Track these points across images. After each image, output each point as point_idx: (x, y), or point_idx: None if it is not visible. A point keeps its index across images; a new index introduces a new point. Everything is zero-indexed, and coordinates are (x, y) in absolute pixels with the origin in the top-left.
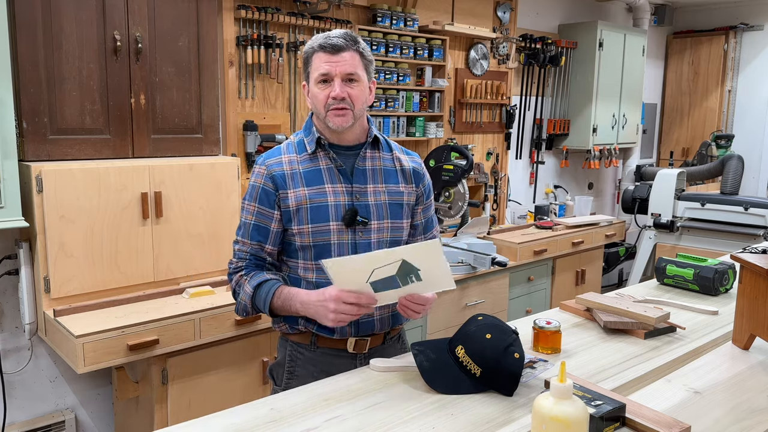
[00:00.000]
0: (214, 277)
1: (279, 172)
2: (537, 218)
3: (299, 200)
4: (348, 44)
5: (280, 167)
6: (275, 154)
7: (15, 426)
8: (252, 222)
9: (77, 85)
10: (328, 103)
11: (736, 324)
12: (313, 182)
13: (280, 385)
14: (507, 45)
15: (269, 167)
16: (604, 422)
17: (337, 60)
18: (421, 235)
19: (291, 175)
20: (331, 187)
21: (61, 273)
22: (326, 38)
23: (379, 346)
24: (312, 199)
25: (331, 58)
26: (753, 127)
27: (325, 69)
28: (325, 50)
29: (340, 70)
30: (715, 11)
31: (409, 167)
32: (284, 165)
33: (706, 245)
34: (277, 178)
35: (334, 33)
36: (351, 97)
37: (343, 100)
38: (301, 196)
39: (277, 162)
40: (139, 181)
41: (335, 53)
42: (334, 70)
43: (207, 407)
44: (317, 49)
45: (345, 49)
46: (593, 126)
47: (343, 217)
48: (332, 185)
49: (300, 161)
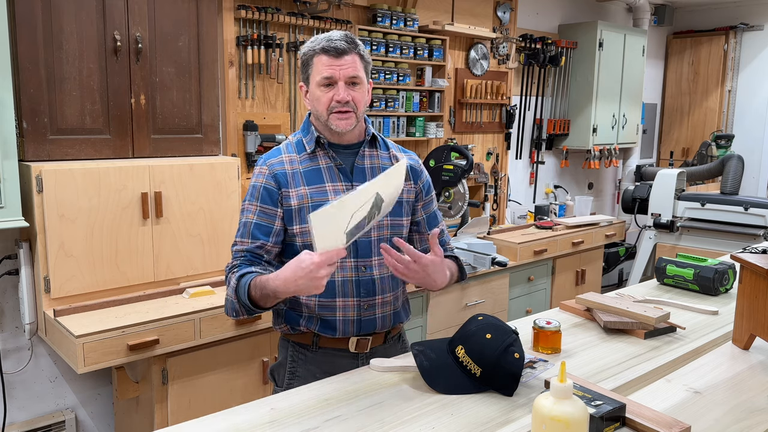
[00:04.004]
0: (214, 277)
1: (281, 171)
2: (537, 218)
3: (301, 199)
4: (350, 47)
5: (281, 166)
6: (275, 154)
7: (15, 426)
8: (253, 221)
9: (77, 85)
10: (331, 106)
11: (736, 324)
12: (313, 181)
13: (281, 386)
14: (507, 45)
15: (271, 166)
16: (604, 422)
17: (340, 64)
18: (425, 233)
19: (292, 175)
20: (332, 186)
21: (61, 273)
22: (329, 41)
23: (380, 346)
24: (313, 198)
25: (334, 61)
26: (753, 127)
27: (328, 72)
28: (329, 53)
29: (344, 73)
30: (715, 11)
31: (407, 165)
32: (285, 164)
33: (706, 245)
34: (279, 176)
35: (335, 35)
36: (354, 100)
37: (347, 104)
38: (302, 195)
39: (278, 161)
40: (139, 181)
41: (339, 57)
42: (338, 73)
43: (207, 407)
44: (319, 52)
45: (347, 53)
46: (593, 126)
47: None
48: (332, 184)
49: (300, 161)
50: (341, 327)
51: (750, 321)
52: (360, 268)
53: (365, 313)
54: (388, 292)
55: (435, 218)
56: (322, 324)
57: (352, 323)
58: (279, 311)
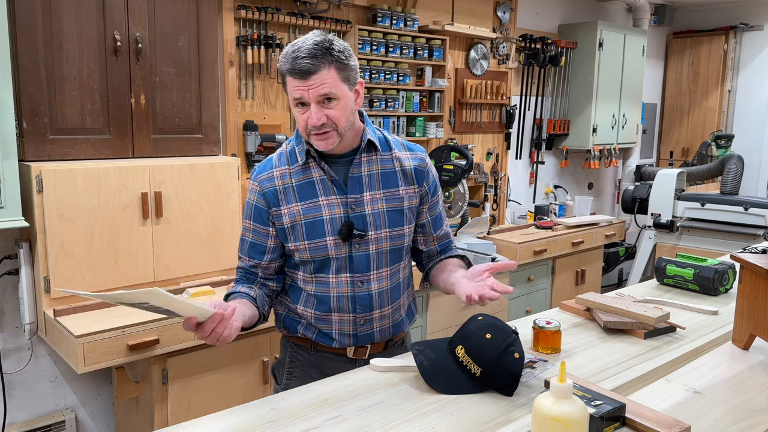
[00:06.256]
0: (214, 277)
1: (270, 188)
2: (537, 218)
3: (293, 217)
4: (318, 64)
5: (271, 183)
6: (267, 168)
7: (15, 426)
8: (249, 239)
9: (77, 85)
10: (308, 129)
11: (736, 324)
12: (306, 196)
13: (281, 384)
14: (507, 45)
15: (261, 183)
16: (604, 422)
17: (308, 84)
18: (430, 235)
19: (283, 191)
20: (326, 200)
21: (61, 273)
22: (294, 61)
23: (380, 352)
24: (306, 215)
25: (302, 83)
26: (753, 127)
27: (297, 94)
28: (295, 76)
29: (313, 93)
30: (715, 11)
31: (410, 167)
32: (276, 180)
33: (706, 245)
34: (269, 195)
35: (302, 51)
36: (331, 118)
37: (323, 125)
38: (294, 212)
39: (268, 177)
40: (139, 181)
41: (306, 78)
42: (307, 94)
43: (207, 407)
44: (287, 73)
45: (315, 70)
46: (593, 126)
47: (339, 232)
48: (326, 198)
49: (292, 173)
50: (338, 338)
51: (750, 321)
52: (356, 284)
53: (362, 328)
54: (387, 306)
55: (440, 219)
56: (319, 333)
57: (348, 336)
58: (279, 315)
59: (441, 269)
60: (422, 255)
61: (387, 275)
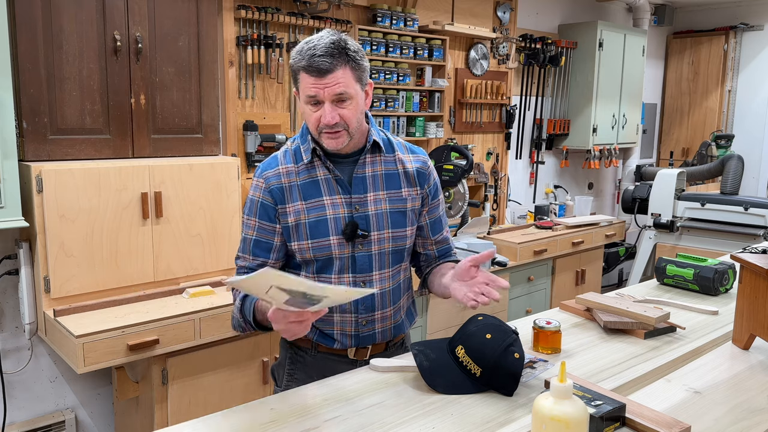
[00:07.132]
0: (214, 277)
1: (277, 185)
2: (537, 218)
3: (297, 215)
4: (336, 63)
5: (278, 180)
6: (272, 165)
7: (15, 426)
8: (253, 237)
9: (77, 85)
10: (320, 127)
11: (736, 324)
12: (310, 195)
13: (281, 386)
14: (507, 45)
15: (267, 180)
16: (604, 422)
17: (325, 83)
18: (428, 238)
19: (289, 189)
20: (330, 200)
21: (61, 273)
22: (311, 59)
23: (381, 353)
24: (310, 214)
25: (318, 81)
26: (753, 127)
27: (313, 91)
28: (311, 73)
29: (329, 92)
30: (715, 11)
31: (413, 169)
32: (282, 177)
33: (706, 245)
34: (275, 191)
35: (319, 49)
36: (343, 117)
37: (336, 124)
38: (299, 211)
39: (274, 174)
40: (139, 181)
41: (322, 76)
42: (323, 93)
43: (207, 407)
44: (302, 69)
45: (332, 69)
46: (593, 126)
47: (344, 231)
48: (330, 197)
49: (297, 172)
50: (339, 339)
51: (750, 321)
52: (359, 284)
53: (363, 329)
54: (389, 307)
55: (439, 224)
56: (320, 334)
57: (350, 337)
58: None
59: (436, 274)
60: (420, 258)
61: (389, 276)
